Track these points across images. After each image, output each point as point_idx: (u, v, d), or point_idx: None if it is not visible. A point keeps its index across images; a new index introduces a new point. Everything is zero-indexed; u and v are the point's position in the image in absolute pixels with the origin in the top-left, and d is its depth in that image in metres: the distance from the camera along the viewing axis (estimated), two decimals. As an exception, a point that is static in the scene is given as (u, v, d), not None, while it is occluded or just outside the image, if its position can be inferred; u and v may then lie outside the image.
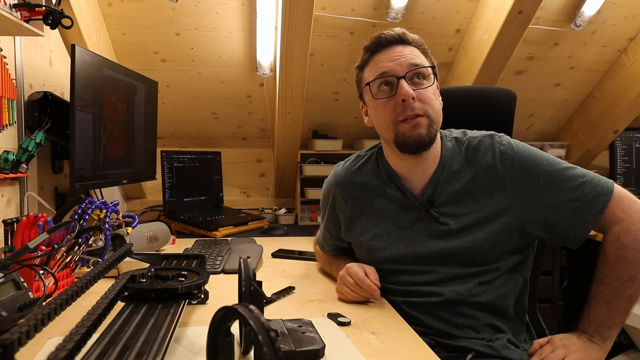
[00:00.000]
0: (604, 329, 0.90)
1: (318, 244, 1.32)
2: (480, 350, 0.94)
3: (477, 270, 0.97)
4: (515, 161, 0.95)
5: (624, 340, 2.11)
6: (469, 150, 1.00)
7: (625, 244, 0.88)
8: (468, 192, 0.98)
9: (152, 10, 1.87)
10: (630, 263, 0.88)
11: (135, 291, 0.75)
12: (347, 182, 1.13)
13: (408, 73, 0.96)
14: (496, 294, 0.97)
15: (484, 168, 0.97)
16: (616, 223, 0.90)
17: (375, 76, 0.99)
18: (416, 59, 0.98)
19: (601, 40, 2.23)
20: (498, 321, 0.98)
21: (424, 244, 1.00)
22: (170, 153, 2.11)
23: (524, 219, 0.95)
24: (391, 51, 0.98)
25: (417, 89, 0.96)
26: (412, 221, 1.02)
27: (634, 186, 2.48)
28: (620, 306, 0.89)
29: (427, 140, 0.96)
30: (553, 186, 0.93)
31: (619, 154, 2.50)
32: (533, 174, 0.94)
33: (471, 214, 0.97)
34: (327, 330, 0.81)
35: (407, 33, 1.00)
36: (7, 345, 0.43)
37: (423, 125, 0.95)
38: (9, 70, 1.32)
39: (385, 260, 1.04)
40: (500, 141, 0.98)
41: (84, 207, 1.24)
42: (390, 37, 0.99)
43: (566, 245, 0.95)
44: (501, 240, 0.96)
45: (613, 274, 0.90)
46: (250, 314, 0.50)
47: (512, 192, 0.95)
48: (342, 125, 2.46)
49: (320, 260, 1.33)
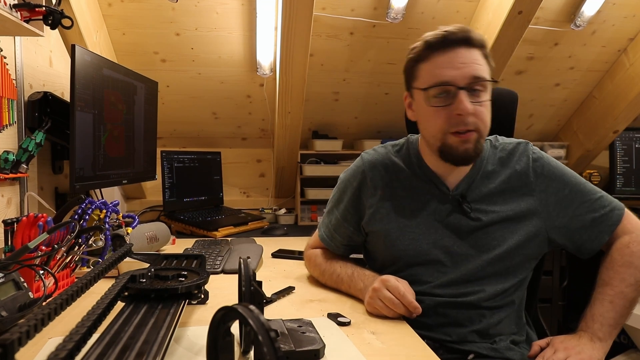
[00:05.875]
0: (607, 327, 0.91)
1: (322, 240, 1.17)
2: (483, 353, 0.94)
3: (499, 274, 0.98)
4: (546, 169, 1.01)
5: (624, 340, 2.11)
6: (504, 153, 1.04)
7: (633, 251, 0.94)
8: (500, 192, 1.01)
9: (152, 10, 1.87)
10: (637, 268, 0.94)
11: (135, 291, 0.75)
12: (382, 167, 1.07)
13: (469, 85, 0.91)
14: (510, 298, 0.99)
15: (518, 172, 1.01)
16: (626, 234, 0.97)
17: (434, 83, 0.93)
18: (479, 70, 0.92)
19: (601, 40, 2.23)
20: (505, 324, 0.98)
21: (452, 243, 1.00)
22: (170, 153, 2.11)
23: (549, 224, 1.00)
24: (455, 55, 0.92)
25: (475, 101, 0.92)
26: (445, 214, 1.02)
27: (634, 186, 2.48)
28: (624, 307, 0.92)
29: (473, 155, 0.96)
30: (577, 196, 0.99)
31: (618, 154, 2.50)
32: (560, 183, 1.00)
33: (501, 212, 0.99)
34: (327, 330, 0.81)
35: (473, 33, 0.93)
36: (7, 345, 0.43)
37: (472, 141, 0.94)
38: (9, 70, 1.32)
39: (409, 253, 1.01)
40: (532, 150, 1.04)
41: (84, 207, 1.24)
42: (456, 38, 0.92)
43: (579, 255, 1.00)
44: (525, 244, 0.99)
45: (619, 277, 0.93)
46: (250, 314, 0.50)
47: (541, 198, 1.00)
48: (342, 125, 2.46)
49: (316, 269, 1.15)
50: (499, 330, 0.97)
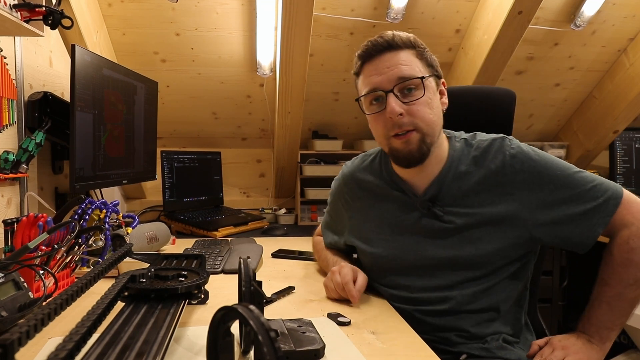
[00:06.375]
0: (604, 330, 0.90)
1: (321, 234, 1.30)
2: (475, 354, 0.94)
3: (478, 276, 0.96)
4: (526, 165, 0.94)
5: (624, 340, 2.11)
6: (478, 152, 0.98)
7: (633, 248, 0.88)
8: (475, 193, 0.96)
9: (152, 10, 1.87)
10: (637, 267, 0.88)
11: (135, 291, 0.75)
12: (354, 181, 1.12)
13: (396, 87, 0.93)
14: (496, 298, 0.97)
15: (493, 171, 0.95)
16: (625, 227, 0.90)
17: (365, 91, 0.97)
18: (405, 70, 0.93)
19: (601, 40, 2.23)
20: (494, 324, 0.97)
21: (425, 248, 0.99)
22: (170, 153, 2.11)
23: (532, 223, 0.94)
24: (380, 61, 0.95)
25: (408, 101, 0.93)
26: (413, 221, 1.01)
27: (634, 186, 2.48)
28: (622, 308, 0.89)
29: (417, 156, 0.95)
30: (563, 190, 0.92)
31: (618, 154, 2.51)
32: (543, 178, 0.93)
33: (477, 214, 0.95)
34: (327, 330, 0.81)
35: (398, 35, 0.95)
36: (7, 345, 0.43)
37: (413, 141, 0.93)
38: (9, 70, 1.32)
39: (384, 261, 1.04)
40: (510, 144, 0.96)
41: (84, 207, 1.24)
42: (378, 45, 0.95)
43: (575, 250, 0.94)
44: (506, 247, 0.95)
45: (617, 276, 0.89)
46: (250, 314, 0.50)
47: (521, 196, 0.94)
48: (342, 125, 2.46)
49: (317, 254, 1.31)
50: (486, 331, 0.96)
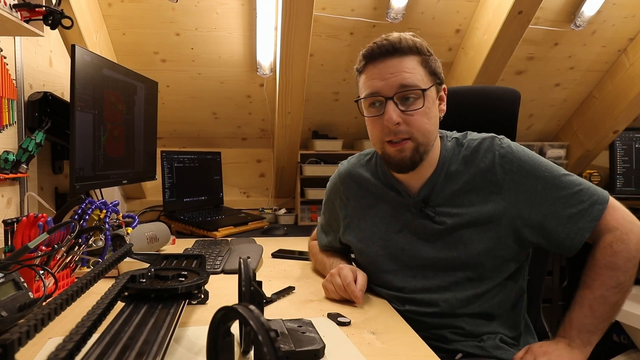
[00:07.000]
0: (585, 333, 0.88)
1: (316, 238, 1.31)
2: (470, 352, 0.94)
3: (471, 278, 0.96)
4: (515, 165, 0.94)
5: (624, 340, 2.11)
6: (468, 151, 0.98)
7: (616, 251, 0.88)
8: (465, 193, 0.97)
9: (152, 10, 1.87)
10: (620, 270, 0.88)
11: (135, 291, 0.75)
12: (352, 178, 1.12)
13: (397, 94, 0.92)
14: (489, 303, 0.97)
15: (482, 170, 0.96)
16: (609, 231, 0.90)
17: (366, 94, 0.97)
18: (408, 78, 0.92)
19: (601, 40, 2.23)
20: (490, 326, 0.97)
21: (419, 249, 1.00)
22: (170, 153, 2.11)
23: (520, 223, 0.94)
24: (384, 66, 0.93)
25: (406, 110, 0.93)
26: (407, 222, 1.02)
27: (634, 186, 2.48)
28: (604, 312, 0.88)
29: (409, 164, 0.95)
30: (551, 192, 0.92)
31: (618, 154, 2.50)
32: (532, 179, 0.93)
33: (466, 214, 0.96)
34: (327, 330, 0.81)
35: (405, 40, 0.93)
36: (7, 345, 0.43)
37: (407, 150, 0.94)
38: (9, 70, 1.32)
39: (378, 261, 1.05)
40: (500, 144, 0.97)
41: (84, 207, 1.24)
42: (384, 48, 0.93)
43: (562, 253, 0.94)
44: (496, 246, 0.95)
45: (600, 279, 0.89)
46: (250, 314, 0.50)
47: (510, 196, 0.94)
48: (342, 125, 2.46)
49: (313, 257, 1.31)
50: (482, 330, 0.96)
